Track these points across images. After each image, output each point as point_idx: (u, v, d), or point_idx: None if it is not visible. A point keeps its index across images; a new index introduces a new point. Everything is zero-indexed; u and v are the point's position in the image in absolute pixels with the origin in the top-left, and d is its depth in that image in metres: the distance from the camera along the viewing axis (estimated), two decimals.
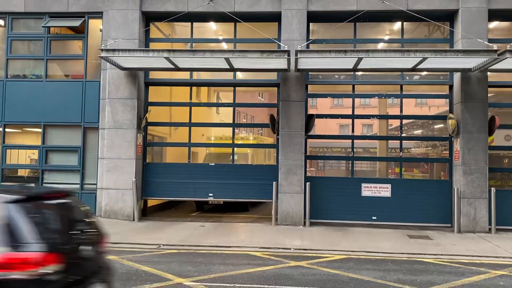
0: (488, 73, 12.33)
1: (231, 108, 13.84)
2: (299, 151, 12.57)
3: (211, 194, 13.29)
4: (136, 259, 8.52)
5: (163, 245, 9.95)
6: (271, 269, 7.98)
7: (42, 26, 13.58)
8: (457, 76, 12.55)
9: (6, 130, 13.89)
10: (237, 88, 13.72)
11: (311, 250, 9.68)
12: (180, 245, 9.90)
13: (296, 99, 12.67)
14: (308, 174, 13.52)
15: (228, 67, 12.18)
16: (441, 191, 12.72)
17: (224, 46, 14.20)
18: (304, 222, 12.37)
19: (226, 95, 16.82)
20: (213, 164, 13.67)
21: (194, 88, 13.91)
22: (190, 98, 13.80)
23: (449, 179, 12.82)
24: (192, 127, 13.70)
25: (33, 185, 13.64)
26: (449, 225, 12.53)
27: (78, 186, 13.42)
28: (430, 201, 12.69)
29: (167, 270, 7.73)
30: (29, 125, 14.03)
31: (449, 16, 12.82)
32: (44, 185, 13.54)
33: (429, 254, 9.43)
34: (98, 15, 13.58)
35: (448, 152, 13.03)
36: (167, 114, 15.68)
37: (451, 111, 12.85)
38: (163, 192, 13.55)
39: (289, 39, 12.61)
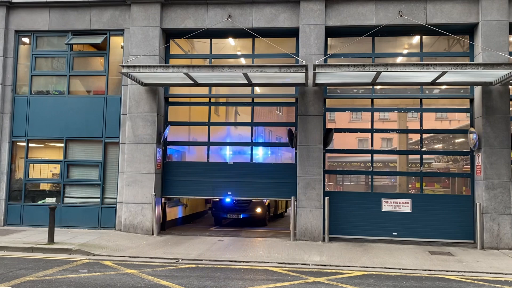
0: (510, 86, 12.15)
1: (249, 118, 13.87)
2: (318, 165, 12.52)
3: (230, 193, 13.34)
4: (155, 273, 8.54)
5: (182, 259, 9.97)
6: (290, 285, 7.91)
7: (65, 44, 13.94)
8: (477, 90, 12.40)
9: (30, 145, 14.18)
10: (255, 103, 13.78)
11: (330, 266, 9.57)
12: (199, 260, 9.91)
13: (314, 113, 12.67)
14: (327, 188, 13.43)
15: (246, 82, 12.28)
16: (463, 207, 12.48)
17: (243, 61, 14.34)
18: (323, 238, 12.26)
19: (244, 109, 16.90)
20: (232, 162, 13.71)
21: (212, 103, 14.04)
22: (209, 100, 13.93)
23: (471, 194, 12.58)
24: (211, 129, 13.85)
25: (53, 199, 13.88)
26: (472, 241, 12.26)
27: (98, 200, 13.60)
28: (452, 216, 12.46)
29: (186, 284, 7.73)
30: (52, 140, 14.29)
31: (469, 30, 12.73)
32: (65, 199, 13.76)
33: (451, 271, 9.23)
34: (120, 32, 13.88)
35: (469, 166, 12.81)
36: (186, 128, 15.82)
37: (472, 125, 12.67)
38: (182, 191, 13.66)
39: (307, 54, 12.67)
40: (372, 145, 13.29)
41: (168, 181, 13.66)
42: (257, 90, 14.34)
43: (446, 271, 9.26)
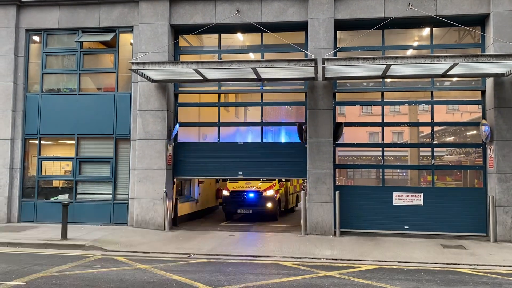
0: None
1: (259, 118, 13.86)
2: (328, 160, 12.48)
3: (241, 173, 13.41)
4: (167, 268, 8.61)
5: (193, 254, 10.03)
6: (301, 279, 7.92)
7: (75, 41, 14.04)
8: (489, 81, 12.26)
9: (42, 142, 14.33)
10: (264, 99, 13.76)
11: (342, 260, 9.57)
12: (210, 255, 9.96)
13: (324, 107, 12.62)
14: (338, 183, 13.38)
15: (255, 77, 12.26)
16: (475, 200, 12.38)
17: (251, 56, 14.31)
18: (334, 232, 12.25)
19: (253, 105, 16.92)
20: (242, 142, 13.73)
21: (222, 99, 14.04)
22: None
23: (483, 187, 12.47)
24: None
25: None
26: (484, 234, 12.16)
27: (110, 196, 13.71)
28: (464, 209, 12.36)
29: (197, 279, 7.78)
30: (63, 137, 14.44)
31: (480, 21, 12.56)
32: (77, 195, 13.89)
33: (464, 264, 9.18)
34: (129, 29, 13.93)
35: (481, 159, 12.69)
36: (196, 114, 15.83)
37: (484, 117, 12.54)
38: (193, 171, 13.77)
39: (316, 48, 12.61)
40: (382, 139, 13.21)
41: (180, 162, 13.71)
42: (266, 85, 14.30)
43: (459, 264, 9.20)
